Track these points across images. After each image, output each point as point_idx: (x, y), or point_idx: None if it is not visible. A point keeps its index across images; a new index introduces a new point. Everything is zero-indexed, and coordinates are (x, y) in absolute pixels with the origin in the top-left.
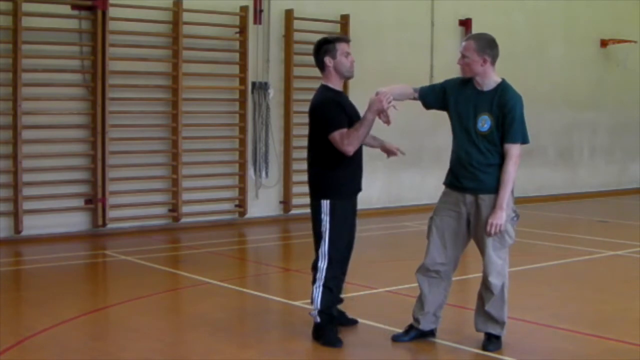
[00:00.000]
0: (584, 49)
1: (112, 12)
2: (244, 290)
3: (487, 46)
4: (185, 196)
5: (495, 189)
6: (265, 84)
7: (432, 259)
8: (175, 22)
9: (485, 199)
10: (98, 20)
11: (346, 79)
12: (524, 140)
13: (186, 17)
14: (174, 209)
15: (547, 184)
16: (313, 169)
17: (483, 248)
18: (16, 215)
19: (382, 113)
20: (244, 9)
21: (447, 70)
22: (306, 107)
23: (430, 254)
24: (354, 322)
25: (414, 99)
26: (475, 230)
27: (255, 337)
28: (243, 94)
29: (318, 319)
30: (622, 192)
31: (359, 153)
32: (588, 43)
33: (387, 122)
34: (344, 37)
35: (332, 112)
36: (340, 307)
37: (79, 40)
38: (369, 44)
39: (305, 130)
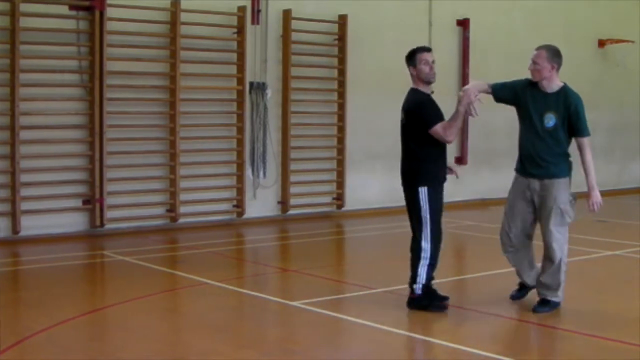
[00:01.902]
0: (582, 49)
1: (109, 12)
2: (242, 290)
3: (556, 55)
4: (183, 196)
5: (557, 174)
6: (263, 84)
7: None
8: (173, 23)
9: (551, 183)
10: (96, 20)
11: (427, 84)
12: (590, 134)
13: (184, 17)
14: (172, 209)
15: None
16: (410, 162)
17: (546, 224)
18: (14, 216)
19: (470, 105)
20: (242, 9)
21: (445, 69)
22: (304, 108)
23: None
24: (445, 299)
25: (487, 93)
26: (540, 209)
27: (253, 337)
28: (241, 94)
29: (420, 292)
30: (622, 192)
31: (445, 148)
32: (586, 43)
33: (475, 114)
34: (425, 48)
35: (429, 109)
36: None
37: (77, 40)
38: (367, 44)
39: (303, 131)
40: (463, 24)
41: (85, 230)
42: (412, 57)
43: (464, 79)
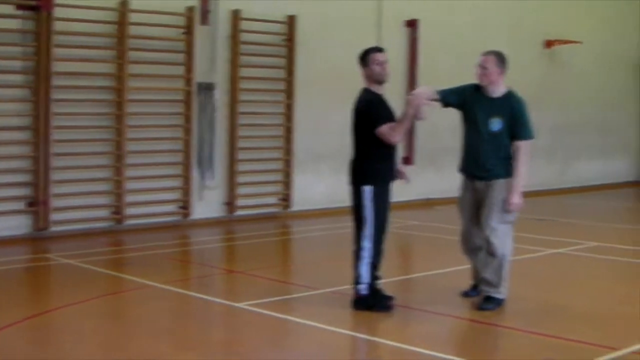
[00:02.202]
0: (529, 50)
1: (57, 12)
2: (188, 292)
3: (503, 61)
4: (129, 198)
5: (501, 175)
6: (211, 84)
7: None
8: (121, 23)
9: (495, 183)
10: (42, 20)
11: (380, 84)
12: (531, 137)
13: (132, 17)
14: (118, 211)
15: None
16: (357, 161)
17: (488, 221)
18: None
19: (419, 109)
20: (191, 9)
21: (394, 70)
22: (252, 109)
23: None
24: (391, 299)
25: (435, 100)
26: (484, 206)
27: (198, 339)
28: (189, 95)
29: (365, 292)
30: (564, 191)
31: (395, 148)
32: (533, 43)
33: (424, 117)
34: (377, 48)
35: (378, 109)
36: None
37: (22, 41)
38: (316, 44)
39: (251, 131)
40: (412, 24)
41: (29, 233)
42: (364, 58)
43: (412, 79)
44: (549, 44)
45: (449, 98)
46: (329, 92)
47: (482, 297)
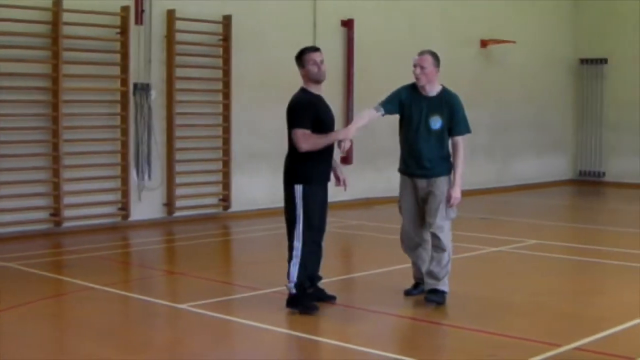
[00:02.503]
0: (465, 49)
1: None
2: (129, 294)
3: (438, 59)
4: (67, 200)
5: (442, 173)
6: (147, 85)
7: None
8: (55, 23)
9: (437, 181)
10: None
11: (316, 84)
12: (469, 131)
13: (66, 17)
14: (56, 213)
15: None
16: (289, 160)
17: (434, 218)
18: None
19: (342, 142)
20: (125, 9)
21: (329, 70)
22: (188, 109)
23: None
24: (332, 298)
25: (382, 116)
26: (427, 203)
27: (141, 341)
28: (125, 95)
29: (294, 291)
30: (502, 190)
31: (330, 149)
32: (468, 43)
33: (342, 151)
34: (312, 48)
35: (301, 111)
36: (320, 284)
37: None
38: (252, 44)
39: (188, 132)
40: (347, 24)
41: None
42: (300, 58)
43: (349, 80)
44: (484, 43)
45: (388, 109)
46: (266, 92)
47: (428, 290)
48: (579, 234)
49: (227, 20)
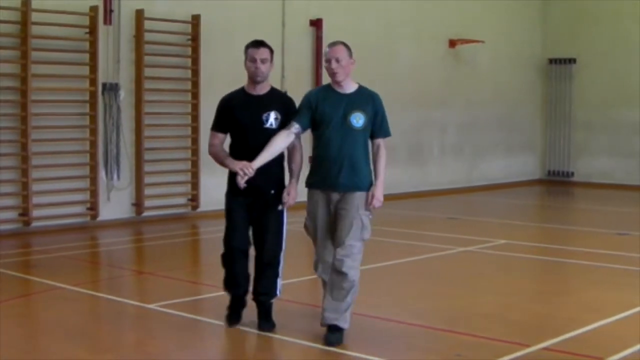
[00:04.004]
0: (433, 49)
1: None
2: (98, 294)
3: (351, 50)
4: (35, 200)
5: (359, 186)
6: (116, 85)
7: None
8: (24, 23)
9: (354, 196)
10: None
11: (253, 83)
12: (390, 134)
13: (35, 17)
14: (25, 212)
15: (397, 182)
16: None
17: (344, 238)
18: None
19: (238, 175)
20: (94, 9)
21: (298, 70)
22: (157, 109)
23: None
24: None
25: (297, 136)
26: (339, 221)
27: (110, 341)
28: (93, 95)
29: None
30: (471, 190)
31: (247, 155)
32: (437, 43)
33: (239, 186)
34: (255, 43)
35: (217, 112)
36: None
37: None
38: (220, 44)
39: (157, 132)
40: (316, 24)
41: None
42: (244, 52)
43: (317, 80)
44: (452, 43)
45: (307, 123)
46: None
47: (328, 327)
48: (547, 234)
49: (195, 20)
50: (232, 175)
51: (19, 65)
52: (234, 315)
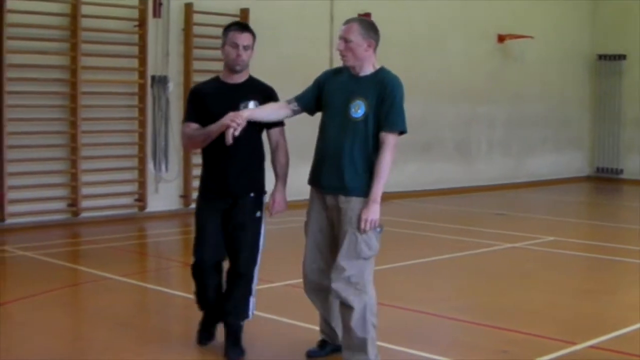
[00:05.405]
0: (482, 44)
1: (9, 4)
2: (145, 285)
3: (372, 29)
4: (84, 190)
5: (354, 189)
6: (165, 77)
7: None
8: (74, 15)
9: (347, 201)
10: None
11: (232, 72)
12: (403, 128)
13: (84, 10)
14: (74, 203)
15: (444, 177)
16: None
17: (336, 257)
18: None
19: (226, 130)
20: (144, 2)
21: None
22: None
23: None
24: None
25: (294, 112)
26: (336, 234)
27: (156, 332)
28: (142, 87)
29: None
30: (518, 185)
31: (226, 153)
32: (485, 38)
33: (227, 141)
34: (239, 26)
35: (187, 103)
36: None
37: None
38: (269, 38)
39: None
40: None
41: None
42: (223, 33)
43: None
44: (501, 38)
45: (306, 100)
46: (281, 85)
47: None
48: (595, 231)
49: (244, 14)
50: (207, 176)
51: (69, 58)
52: (204, 334)
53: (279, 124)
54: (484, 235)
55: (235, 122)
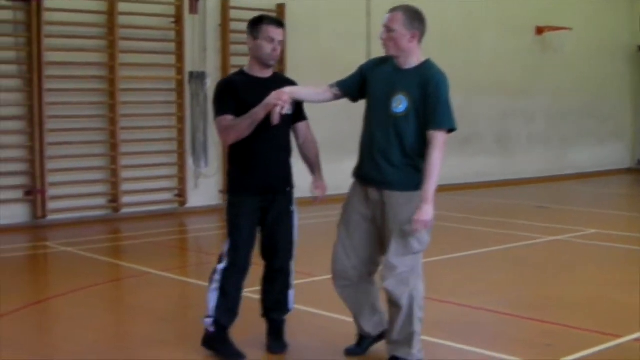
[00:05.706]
0: (520, 36)
1: (47, 3)
2: (186, 279)
3: (417, 19)
4: (124, 186)
5: (399, 183)
6: (203, 73)
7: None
8: (111, 13)
9: (390, 196)
10: (33, 11)
11: (264, 66)
12: (451, 126)
13: (121, 7)
14: (114, 199)
15: (484, 171)
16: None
17: (386, 254)
18: None
19: (272, 110)
20: None
21: None
22: None
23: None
24: (241, 357)
25: (336, 97)
26: (382, 230)
27: (197, 327)
28: (180, 83)
29: (211, 328)
30: (559, 178)
31: (263, 149)
32: (523, 30)
33: (273, 120)
34: (274, 21)
35: (218, 96)
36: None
37: (14, 31)
38: (305, 33)
39: None
40: None
41: (27, 222)
42: (255, 26)
43: None
44: (539, 30)
45: (347, 85)
46: (319, 81)
47: (388, 358)
48: (638, 224)
49: (280, 9)
50: (243, 173)
51: (106, 55)
52: (233, 350)
53: (304, 117)
54: (526, 228)
55: (281, 99)
